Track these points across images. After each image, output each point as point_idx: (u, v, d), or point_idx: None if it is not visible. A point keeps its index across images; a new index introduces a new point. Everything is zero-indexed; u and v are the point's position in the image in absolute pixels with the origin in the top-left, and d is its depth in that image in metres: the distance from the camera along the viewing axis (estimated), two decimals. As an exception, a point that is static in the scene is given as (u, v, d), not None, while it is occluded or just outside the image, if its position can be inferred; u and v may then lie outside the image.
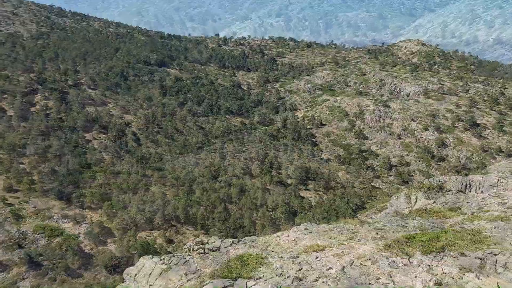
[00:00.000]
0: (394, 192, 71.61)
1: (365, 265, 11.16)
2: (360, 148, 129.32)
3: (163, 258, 19.46)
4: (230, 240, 20.44)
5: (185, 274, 16.91)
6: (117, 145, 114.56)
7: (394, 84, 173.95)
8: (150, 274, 18.42)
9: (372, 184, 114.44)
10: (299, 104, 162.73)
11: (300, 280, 10.42)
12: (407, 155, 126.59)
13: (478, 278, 7.59)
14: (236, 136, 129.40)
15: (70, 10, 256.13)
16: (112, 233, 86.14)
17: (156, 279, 17.90)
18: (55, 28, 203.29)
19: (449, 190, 27.57)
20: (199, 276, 15.24)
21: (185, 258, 18.64)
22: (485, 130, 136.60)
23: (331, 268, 11.36)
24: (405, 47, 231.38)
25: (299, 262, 13.29)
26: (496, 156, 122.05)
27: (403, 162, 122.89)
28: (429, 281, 7.87)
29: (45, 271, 74.82)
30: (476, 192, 26.50)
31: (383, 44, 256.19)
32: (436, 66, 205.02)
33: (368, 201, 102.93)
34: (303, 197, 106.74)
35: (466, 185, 27.26)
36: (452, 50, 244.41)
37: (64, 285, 73.14)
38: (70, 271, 75.82)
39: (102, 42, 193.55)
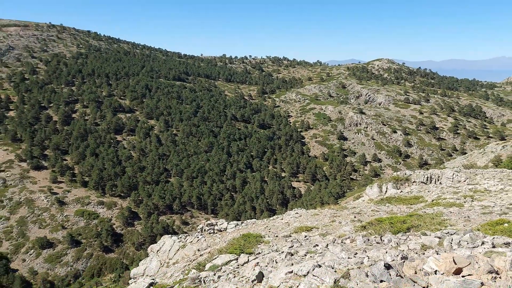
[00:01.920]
0: (368, 183, 71.59)
1: (345, 243, 11.16)
2: (341, 147, 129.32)
3: (180, 237, 19.47)
4: (235, 222, 20.45)
5: (198, 250, 16.93)
6: (143, 145, 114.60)
7: (369, 95, 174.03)
8: (169, 250, 18.44)
9: (351, 176, 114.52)
10: (291, 112, 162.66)
11: (292, 255, 10.41)
12: (379, 153, 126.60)
13: (437, 253, 7.60)
14: (240, 137, 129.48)
15: (104, 34, 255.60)
16: (138, 217, 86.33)
17: (175, 254, 17.92)
18: (92, 50, 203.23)
19: (414, 182, 27.56)
20: (209, 252, 15.25)
21: (198, 237, 18.66)
22: (442, 133, 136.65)
23: (317, 245, 11.36)
24: (377, 65, 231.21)
25: (291, 241, 13.29)
26: (452, 154, 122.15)
27: (376, 159, 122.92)
28: (397, 255, 7.88)
29: (84, 248, 74.97)
30: (435, 183, 26.51)
31: (359, 62, 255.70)
32: (403, 81, 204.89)
33: (347, 191, 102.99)
34: (294, 187, 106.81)
35: (427, 177, 27.27)
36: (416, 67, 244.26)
37: (99, 259, 73.24)
38: (104, 248, 75.95)
39: (130, 61, 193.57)
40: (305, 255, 10.21)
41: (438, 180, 26.57)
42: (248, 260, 11.21)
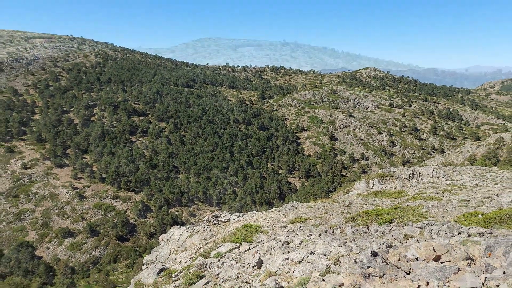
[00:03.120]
0: (357, 179, 71.52)
1: (335, 232, 11.15)
2: (332, 147, 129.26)
3: (188, 227, 19.46)
4: (237, 214, 20.45)
5: (204, 239, 16.92)
6: (154, 145, 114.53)
7: (357, 100, 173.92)
8: (178, 239, 18.43)
9: (341, 173, 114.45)
10: (287, 115, 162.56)
11: (288, 243, 10.40)
12: (367, 152, 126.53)
13: (419, 242, 7.59)
14: (241, 138, 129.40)
15: (120, 45, 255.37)
16: (150, 209, 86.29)
17: (183, 242, 17.91)
18: (109, 59, 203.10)
19: (397, 178, 27.53)
20: (214, 241, 15.23)
21: (204, 228, 18.64)
22: (423, 134, 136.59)
23: (310, 234, 11.34)
24: (365, 73, 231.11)
25: (287, 230, 13.28)
26: (432, 153, 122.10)
27: (363, 157, 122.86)
28: (382, 244, 7.87)
29: (101, 237, 74.96)
30: (417, 179, 26.48)
31: (349, 70, 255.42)
32: (388, 87, 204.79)
33: (338, 186, 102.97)
34: (290, 183, 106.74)
35: (410, 174, 27.22)
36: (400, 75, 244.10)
37: (116, 247, 73.20)
38: (120, 237, 75.94)
39: (143, 69, 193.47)
40: (300, 243, 10.21)
41: (419, 176, 26.55)
42: (249, 248, 11.21)
